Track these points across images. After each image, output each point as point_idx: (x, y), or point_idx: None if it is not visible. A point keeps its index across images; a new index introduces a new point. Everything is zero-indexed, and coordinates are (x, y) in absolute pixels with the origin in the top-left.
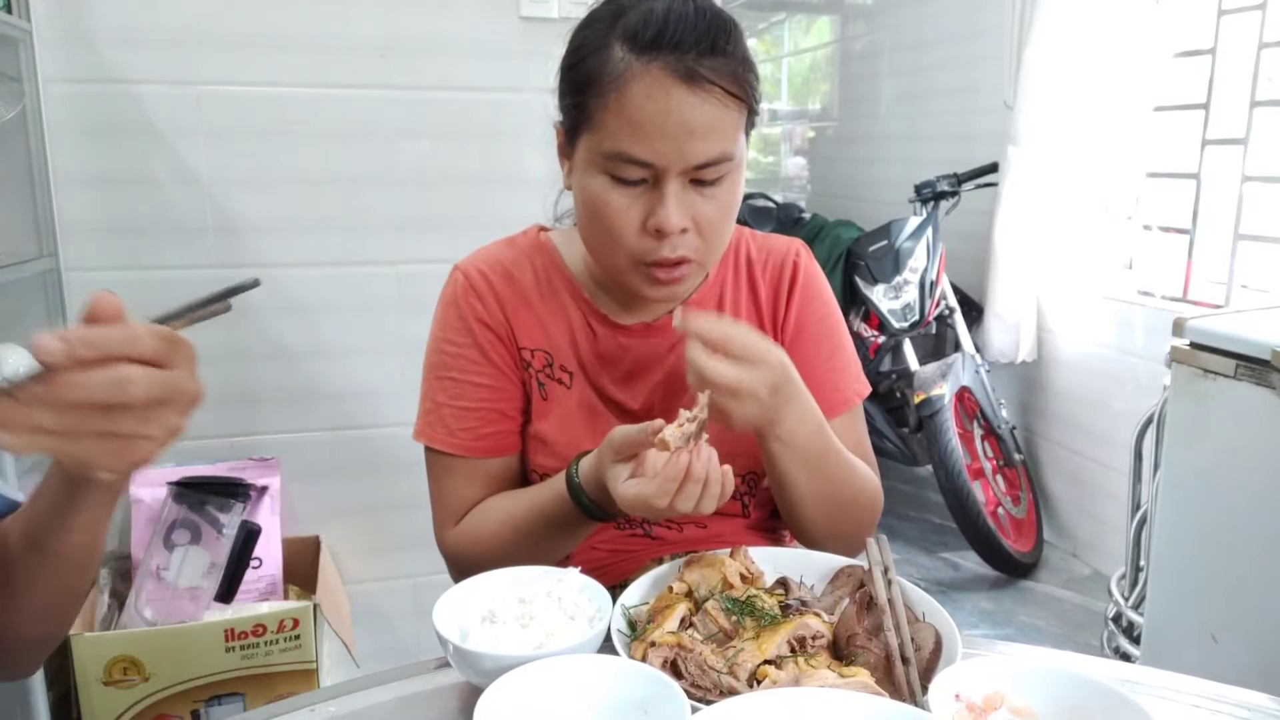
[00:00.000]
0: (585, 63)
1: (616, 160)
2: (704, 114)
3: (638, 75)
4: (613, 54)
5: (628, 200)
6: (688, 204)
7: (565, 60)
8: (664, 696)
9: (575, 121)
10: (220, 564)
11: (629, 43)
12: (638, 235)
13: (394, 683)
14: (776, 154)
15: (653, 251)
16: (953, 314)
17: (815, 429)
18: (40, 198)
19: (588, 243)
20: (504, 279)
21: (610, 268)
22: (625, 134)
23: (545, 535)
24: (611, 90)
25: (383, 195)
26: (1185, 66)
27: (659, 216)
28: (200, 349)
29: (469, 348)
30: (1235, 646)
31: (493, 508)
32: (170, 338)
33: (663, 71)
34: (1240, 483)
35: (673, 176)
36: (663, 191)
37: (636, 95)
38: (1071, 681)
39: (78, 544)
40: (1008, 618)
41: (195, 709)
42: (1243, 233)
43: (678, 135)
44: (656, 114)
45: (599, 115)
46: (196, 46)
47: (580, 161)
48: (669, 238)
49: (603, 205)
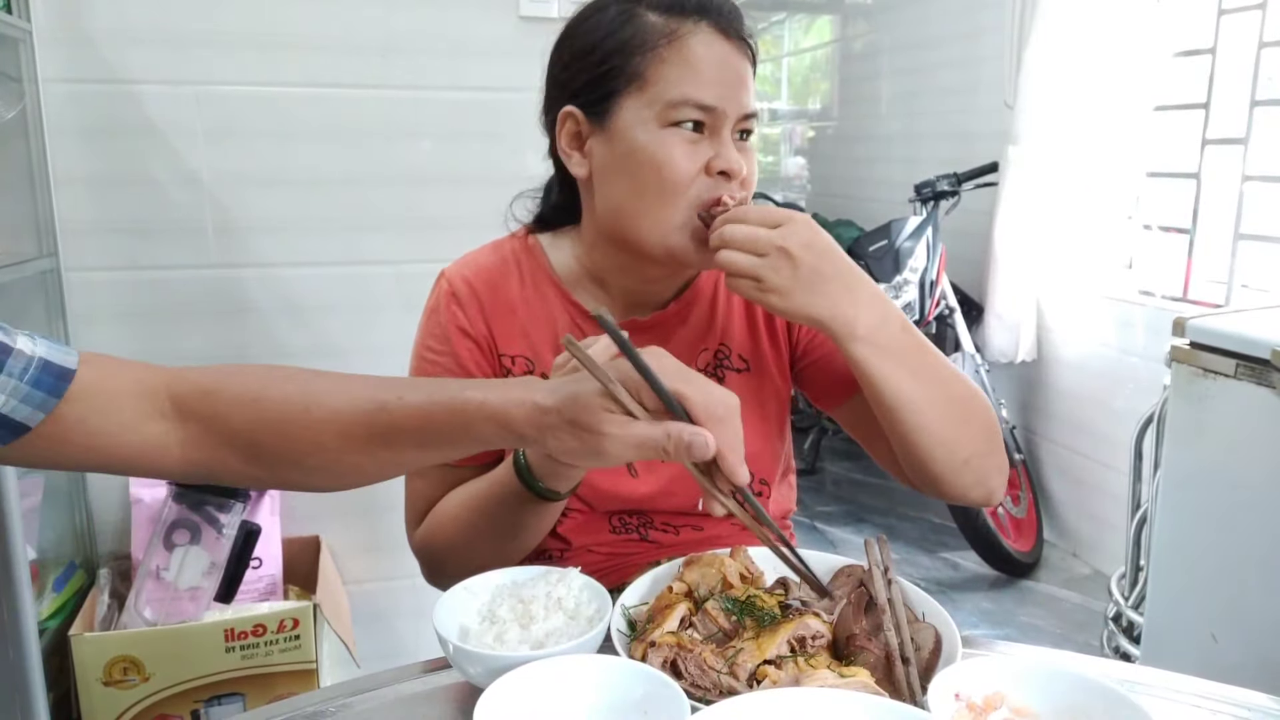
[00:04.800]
0: (615, 35)
1: (682, 106)
2: (744, 67)
3: (691, 31)
4: (648, 20)
5: (690, 147)
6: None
7: (581, 41)
8: (664, 696)
9: (612, 88)
10: (220, 564)
11: (668, 11)
12: (699, 179)
13: (394, 683)
14: (776, 154)
15: (711, 190)
16: (953, 314)
17: (900, 325)
18: (40, 198)
19: (633, 209)
20: (488, 285)
21: (658, 230)
22: (689, 80)
23: (500, 520)
24: (665, 45)
25: (383, 195)
26: (1185, 66)
27: (725, 158)
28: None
29: (445, 355)
30: (1235, 646)
31: (451, 499)
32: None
33: (712, 29)
34: (1240, 482)
35: (728, 124)
36: (723, 138)
37: (696, 46)
38: (1071, 681)
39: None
40: (1008, 618)
41: (195, 709)
42: (1243, 232)
43: (734, 84)
44: (716, 62)
45: (655, 69)
46: (196, 46)
47: (626, 126)
48: (733, 179)
49: (667, 154)
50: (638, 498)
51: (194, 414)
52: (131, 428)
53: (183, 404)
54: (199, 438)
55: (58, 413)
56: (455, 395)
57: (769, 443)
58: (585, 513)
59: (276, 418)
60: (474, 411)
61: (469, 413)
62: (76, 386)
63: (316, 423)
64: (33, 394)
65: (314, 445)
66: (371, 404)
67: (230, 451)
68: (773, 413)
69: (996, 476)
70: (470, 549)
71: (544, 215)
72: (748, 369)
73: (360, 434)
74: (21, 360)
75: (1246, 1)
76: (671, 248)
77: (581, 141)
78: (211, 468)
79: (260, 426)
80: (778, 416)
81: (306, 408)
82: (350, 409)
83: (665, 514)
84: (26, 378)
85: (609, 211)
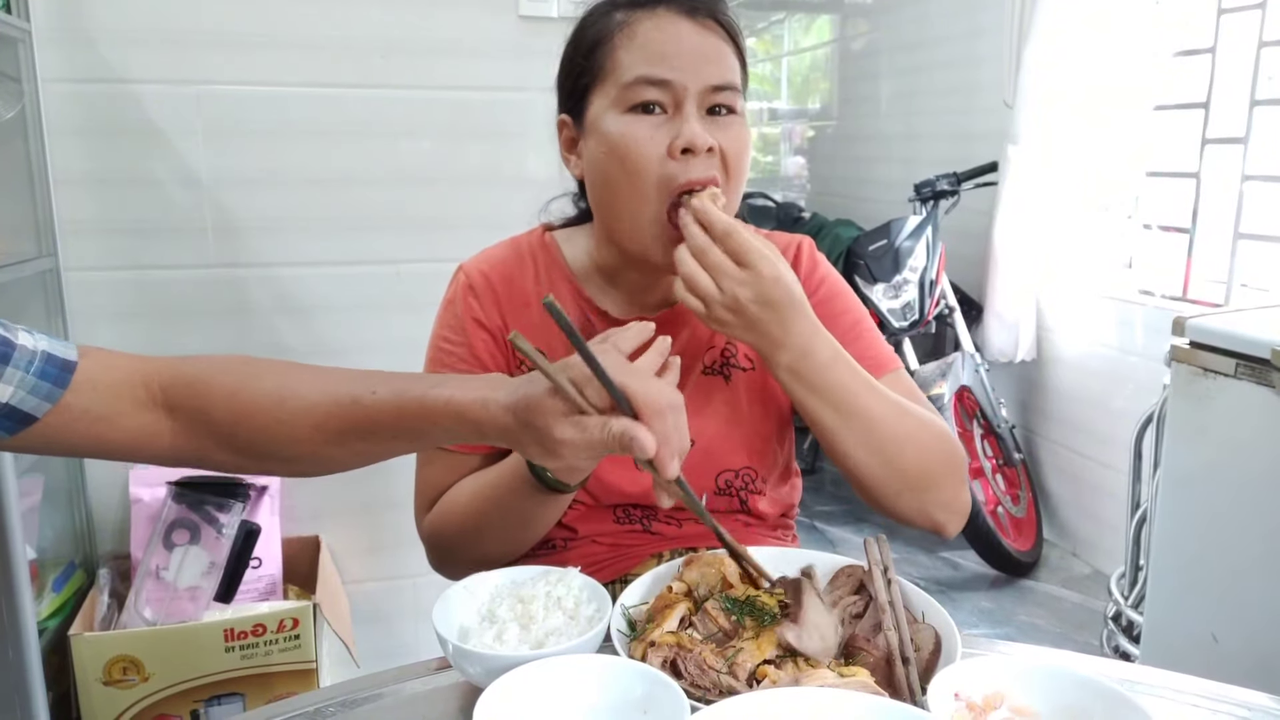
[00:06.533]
0: (589, 32)
1: (636, 86)
2: (711, 43)
3: (645, 16)
4: (614, 15)
5: (650, 129)
6: (708, 129)
7: (567, 45)
8: (663, 696)
9: (585, 84)
10: (220, 564)
11: (631, 3)
12: (663, 161)
13: (394, 683)
14: (776, 153)
15: (680, 174)
16: (952, 313)
17: (829, 361)
18: (40, 198)
19: (608, 205)
20: (504, 279)
21: (632, 228)
22: (641, 60)
23: (510, 510)
24: (620, 33)
25: (383, 195)
26: (1185, 66)
27: (685, 134)
28: (200, 349)
29: (461, 346)
30: (1235, 646)
31: (461, 488)
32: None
33: (668, 10)
34: (1240, 481)
35: (691, 99)
36: (684, 114)
37: (648, 28)
38: (1071, 681)
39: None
40: (1008, 617)
41: (195, 709)
42: (1242, 232)
43: (692, 57)
44: (669, 40)
45: (611, 59)
46: (196, 46)
47: (595, 116)
48: (697, 156)
49: (627, 140)
50: (641, 491)
51: (180, 405)
52: (128, 415)
53: (170, 395)
54: (186, 427)
55: (63, 403)
56: (425, 392)
57: (768, 442)
58: (590, 504)
59: (254, 411)
60: (441, 408)
61: (436, 409)
62: (78, 377)
63: (291, 416)
64: (40, 385)
65: (289, 438)
66: (346, 398)
67: (214, 442)
68: (774, 413)
69: (941, 512)
70: (479, 537)
71: (578, 217)
72: (753, 368)
73: (334, 426)
74: (26, 354)
75: (1246, 1)
76: (645, 249)
77: (575, 145)
78: (199, 455)
79: (239, 419)
80: (779, 417)
81: (282, 401)
82: (324, 403)
83: (669, 507)
84: (33, 370)
85: (597, 213)
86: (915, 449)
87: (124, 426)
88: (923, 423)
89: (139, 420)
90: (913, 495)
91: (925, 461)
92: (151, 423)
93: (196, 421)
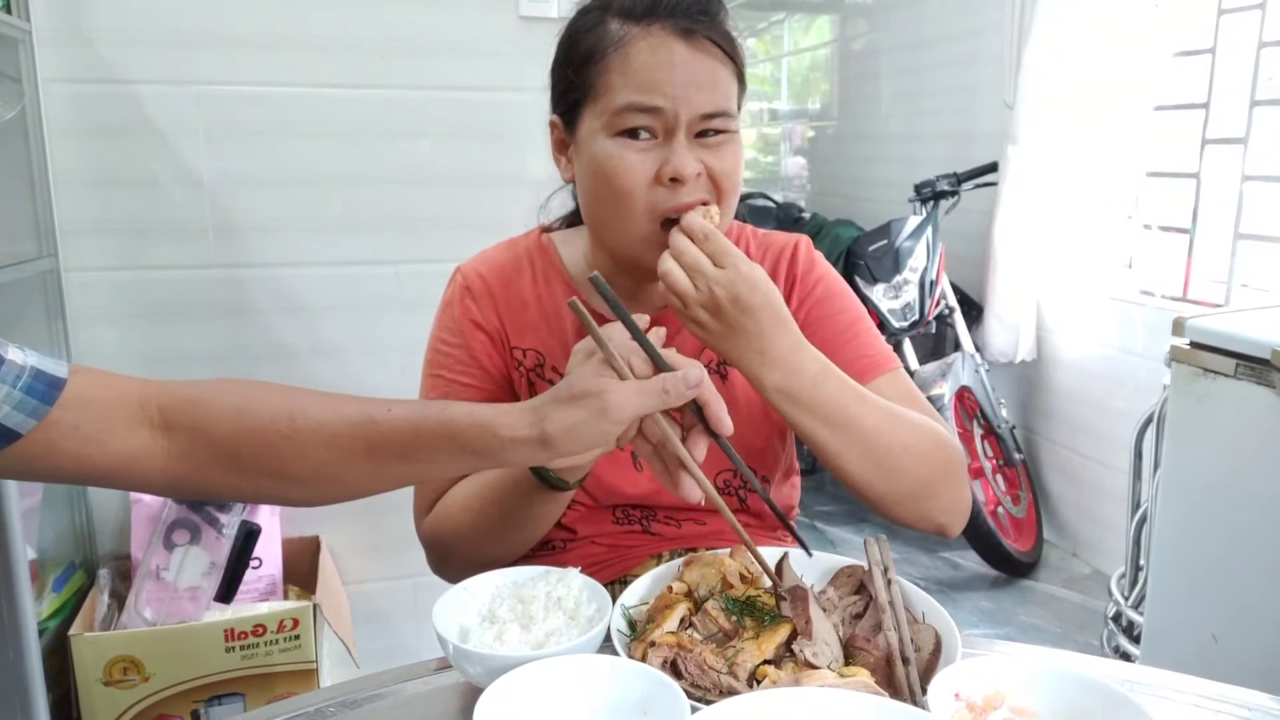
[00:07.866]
0: (582, 42)
1: (626, 113)
2: (705, 67)
3: (639, 36)
4: (609, 27)
5: (639, 156)
6: (697, 154)
7: (560, 47)
8: (664, 696)
9: (576, 99)
10: (220, 564)
11: (625, 15)
12: (651, 188)
13: (394, 683)
14: (776, 154)
15: (668, 200)
16: (952, 313)
17: (817, 375)
18: (40, 198)
19: (598, 220)
20: (501, 281)
21: (623, 242)
22: (633, 87)
23: (510, 509)
24: (614, 53)
25: (383, 195)
26: (1185, 66)
27: (673, 163)
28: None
29: (459, 348)
30: (1235, 646)
31: (460, 489)
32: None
33: (663, 31)
34: (1240, 482)
35: (681, 127)
36: (674, 142)
37: (641, 51)
38: (1071, 681)
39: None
40: (1008, 617)
41: (195, 709)
42: (1242, 232)
43: (684, 84)
44: (662, 66)
45: (603, 80)
46: (196, 46)
47: (585, 135)
48: (685, 184)
49: (615, 165)
50: (640, 493)
51: (179, 424)
52: (120, 436)
53: (169, 413)
54: (183, 447)
55: (50, 419)
56: (444, 408)
57: (770, 441)
58: (589, 505)
59: (260, 427)
60: (463, 419)
61: (458, 422)
62: (68, 394)
63: (300, 432)
64: (26, 401)
65: (297, 456)
66: (359, 416)
67: (212, 462)
68: (773, 412)
69: (942, 516)
70: (479, 538)
71: (577, 214)
72: None
73: (344, 445)
74: (14, 369)
75: (1246, 1)
76: (638, 258)
77: (565, 148)
78: (195, 480)
79: (244, 435)
80: (778, 416)
81: (292, 417)
82: (336, 420)
83: (667, 508)
84: (20, 385)
85: (589, 223)
86: (912, 458)
87: (113, 449)
88: (918, 429)
89: (131, 441)
90: (913, 503)
91: (923, 469)
92: (144, 443)
93: (195, 440)
